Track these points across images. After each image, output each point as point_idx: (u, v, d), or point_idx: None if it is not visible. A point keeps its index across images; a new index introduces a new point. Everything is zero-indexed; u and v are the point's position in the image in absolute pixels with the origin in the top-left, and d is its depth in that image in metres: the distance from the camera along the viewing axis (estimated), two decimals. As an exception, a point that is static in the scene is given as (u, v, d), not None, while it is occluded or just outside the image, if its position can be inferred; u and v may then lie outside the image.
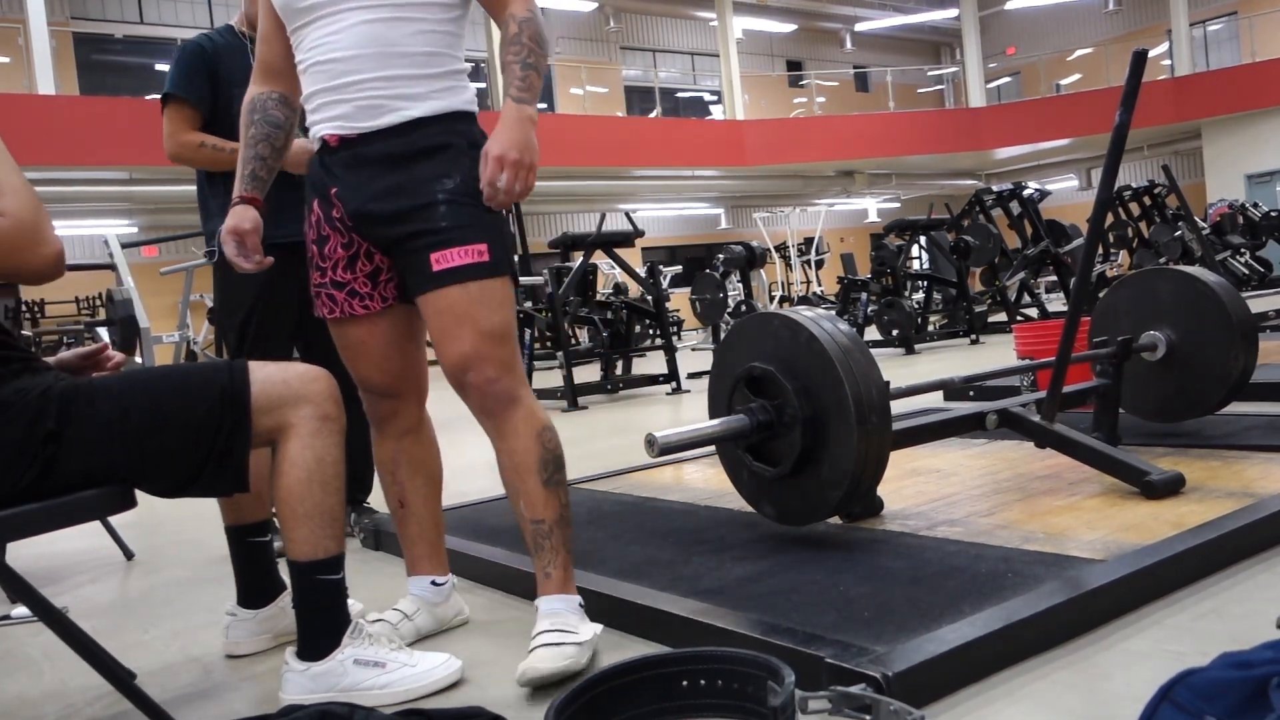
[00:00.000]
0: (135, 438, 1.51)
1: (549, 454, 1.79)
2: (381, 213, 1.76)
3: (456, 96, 1.80)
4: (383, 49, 1.73)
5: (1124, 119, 2.27)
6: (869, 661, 1.43)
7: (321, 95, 1.78)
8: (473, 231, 1.73)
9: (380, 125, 1.75)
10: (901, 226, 10.12)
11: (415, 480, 2.00)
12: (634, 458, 3.69)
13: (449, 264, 1.72)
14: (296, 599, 1.67)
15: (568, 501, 1.83)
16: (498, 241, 1.77)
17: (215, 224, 2.79)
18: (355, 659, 1.66)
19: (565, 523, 1.81)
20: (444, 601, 2.02)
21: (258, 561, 2.02)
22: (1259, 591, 1.78)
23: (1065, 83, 23.37)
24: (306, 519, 1.62)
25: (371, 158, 1.76)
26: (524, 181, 1.70)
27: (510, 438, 1.78)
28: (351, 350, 1.92)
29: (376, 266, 1.85)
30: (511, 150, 1.68)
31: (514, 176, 1.68)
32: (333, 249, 1.85)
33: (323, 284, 1.88)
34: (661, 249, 20.96)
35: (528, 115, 1.71)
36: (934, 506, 2.50)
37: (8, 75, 14.23)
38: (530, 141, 1.70)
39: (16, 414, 1.46)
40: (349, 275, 1.85)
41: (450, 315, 1.74)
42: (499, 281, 1.77)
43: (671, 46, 23.07)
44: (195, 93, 2.74)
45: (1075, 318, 2.49)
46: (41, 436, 1.46)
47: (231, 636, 2.00)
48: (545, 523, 1.78)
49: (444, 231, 1.73)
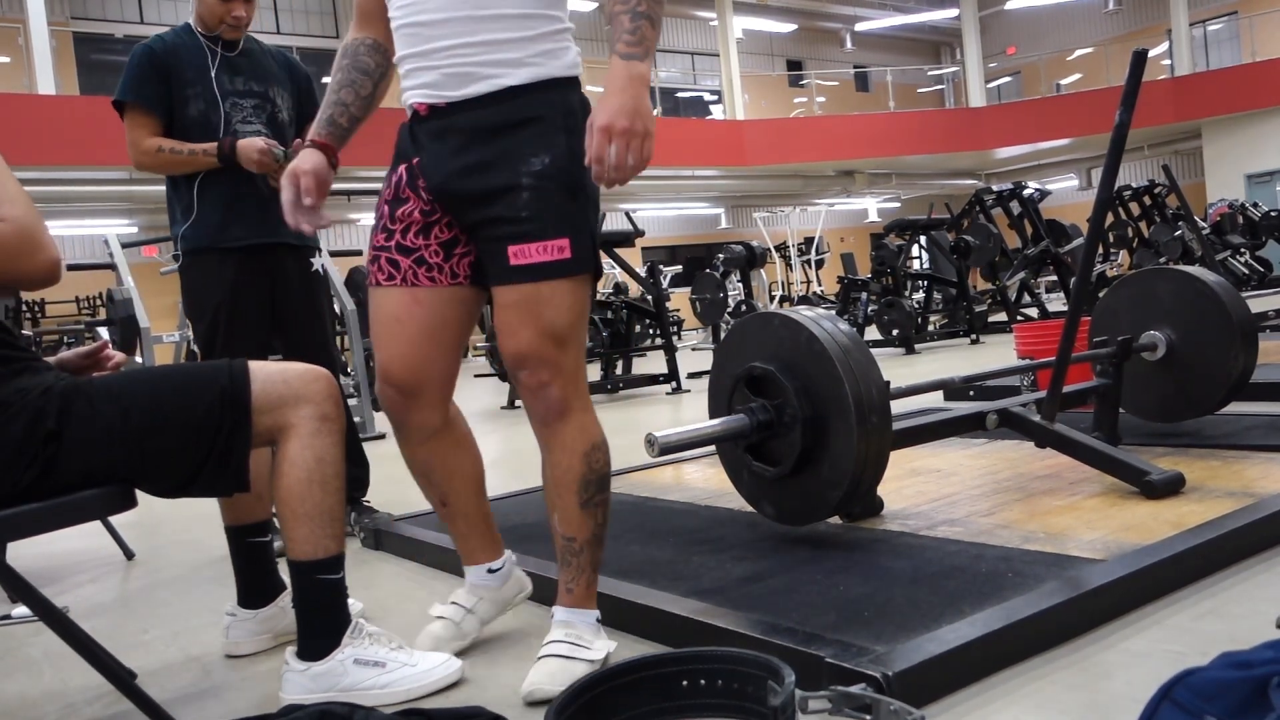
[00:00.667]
0: (136, 438, 1.51)
1: (593, 474, 1.68)
2: (464, 191, 1.64)
3: (555, 61, 1.63)
4: (473, 10, 1.58)
5: (1124, 119, 2.27)
6: (869, 661, 1.43)
7: (410, 60, 1.65)
8: (555, 224, 1.59)
9: (469, 95, 1.60)
10: (902, 226, 10.13)
11: (453, 482, 1.86)
12: (634, 457, 3.68)
13: (527, 260, 1.59)
14: (296, 599, 1.67)
15: (605, 521, 1.73)
16: (582, 235, 1.62)
17: (179, 228, 2.78)
18: (355, 659, 1.65)
19: (598, 543, 1.73)
20: (503, 585, 1.94)
21: (258, 561, 2.02)
22: (1259, 591, 1.78)
23: (1065, 82, 23.37)
24: (306, 519, 1.62)
25: (459, 129, 1.62)
26: (638, 153, 1.46)
27: (556, 450, 1.68)
28: (385, 327, 1.75)
29: (455, 237, 1.70)
30: (620, 118, 1.45)
31: (624, 148, 1.45)
32: (408, 212, 1.70)
33: (385, 247, 1.72)
34: (662, 249, 20.96)
35: (639, 74, 1.47)
36: (934, 506, 2.50)
37: (8, 75, 14.24)
38: (643, 106, 1.46)
39: (17, 413, 1.46)
40: (421, 240, 1.70)
41: (516, 310, 1.62)
42: (577, 280, 1.63)
43: (672, 46, 23.06)
44: (148, 97, 2.68)
45: (1075, 317, 2.49)
46: (42, 436, 1.46)
47: (232, 636, 2.00)
48: (576, 541, 1.70)
49: (524, 222, 1.59)
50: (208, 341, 2.76)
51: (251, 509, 1.97)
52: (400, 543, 2.73)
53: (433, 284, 1.72)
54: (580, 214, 1.63)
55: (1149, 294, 3.03)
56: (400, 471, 1.95)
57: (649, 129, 1.47)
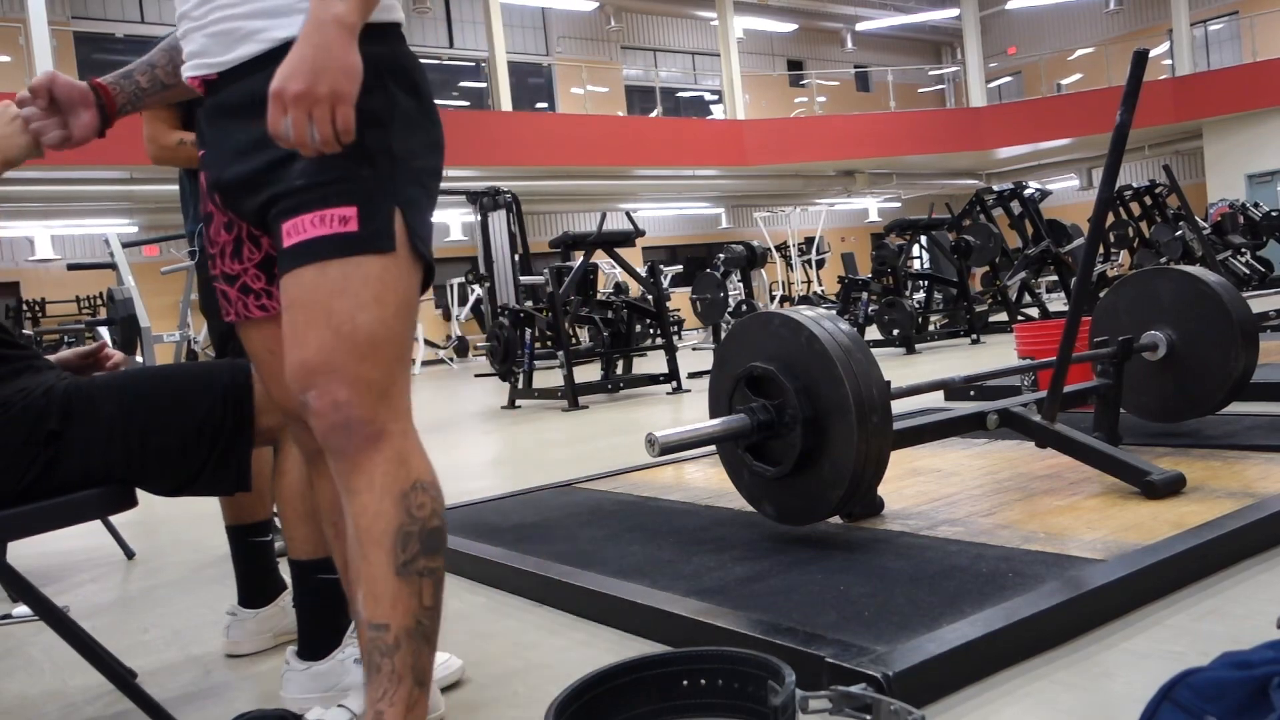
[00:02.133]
0: (137, 437, 1.50)
1: (414, 524, 1.20)
2: (238, 178, 1.29)
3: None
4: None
5: (1125, 119, 2.27)
6: (870, 661, 1.43)
7: (185, 21, 1.32)
8: (339, 190, 1.20)
9: (239, 59, 1.26)
10: (902, 226, 10.12)
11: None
12: (634, 457, 3.68)
13: (300, 236, 1.21)
14: (297, 598, 1.67)
15: (436, 605, 1.23)
16: (378, 206, 1.22)
17: (196, 224, 2.78)
18: (356, 658, 1.65)
19: (423, 637, 1.20)
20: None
21: (258, 561, 2.02)
22: (1259, 591, 1.78)
23: (1066, 82, 23.37)
24: (308, 518, 1.62)
25: (232, 105, 1.28)
26: (324, 124, 1.12)
27: (360, 492, 1.20)
28: (261, 364, 1.45)
29: (268, 254, 1.36)
30: (294, 80, 1.11)
31: (303, 120, 1.12)
32: (216, 230, 1.40)
33: (215, 278, 1.43)
34: (662, 248, 20.96)
35: (334, 16, 1.12)
36: (935, 506, 2.50)
37: (8, 74, 14.23)
38: (331, 59, 1.11)
39: (19, 413, 1.46)
40: (238, 266, 1.40)
41: (300, 309, 1.21)
42: (376, 262, 1.21)
43: (672, 46, 23.07)
44: None
45: (1076, 317, 2.49)
46: (43, 436, 1.46)
47: (232, 636, 2.00)
48: (390, 630, 1.18)
49: (299, 193, 1.21)
50: (222, 337, 2.77)
51: (253, 508, 1.97)
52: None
53: (265, 314, 1.40)
54: (377, 181, 1.23)
55: (1150, 294, 3.03)
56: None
57: (339, 89, 1.11)
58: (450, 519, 2.82)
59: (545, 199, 17.91)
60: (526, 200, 12.60)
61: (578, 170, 17.31)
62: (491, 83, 17.46)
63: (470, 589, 2.31)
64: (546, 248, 8.39)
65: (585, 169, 17.38)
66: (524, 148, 16.17)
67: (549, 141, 16.61)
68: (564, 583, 2.09)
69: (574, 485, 3.31)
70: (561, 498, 3.11)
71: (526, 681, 1.70)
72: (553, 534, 2.59)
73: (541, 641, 1.90)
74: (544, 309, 7.34)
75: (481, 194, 10.72)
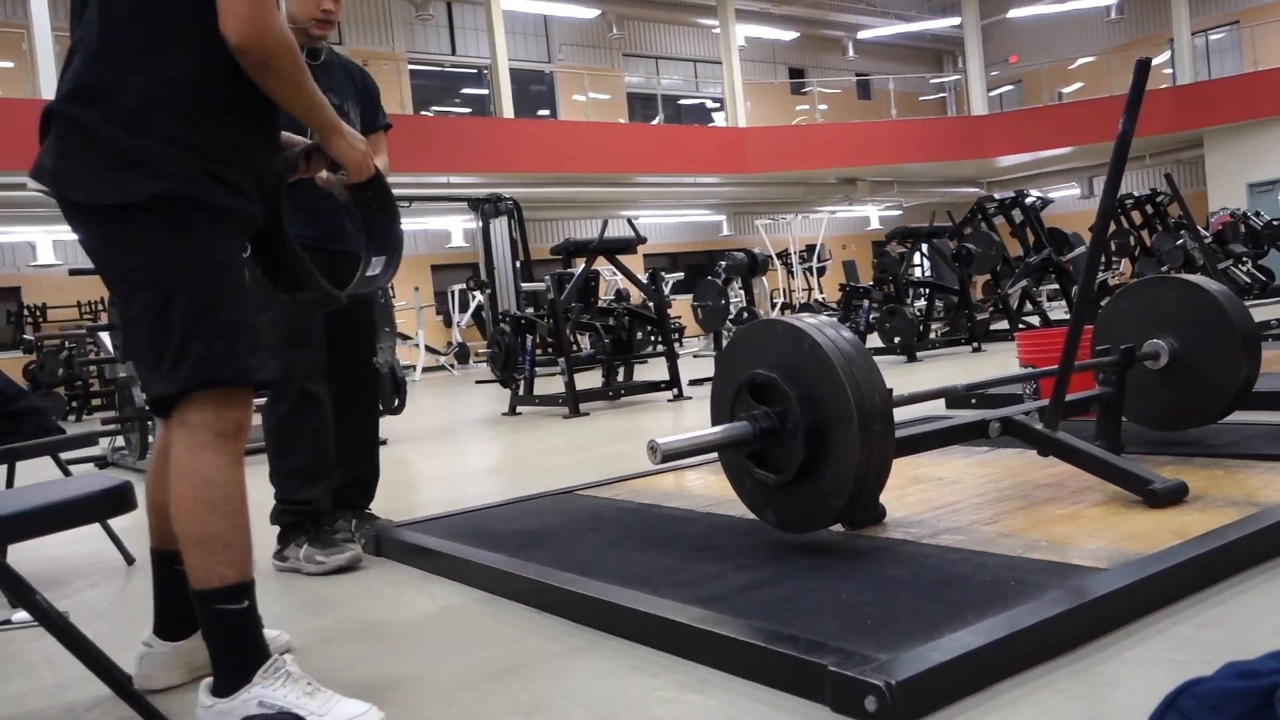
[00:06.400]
0: None
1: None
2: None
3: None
4: None
5: (1127, 127, 2.27)
6: (872, 670, 1.43)
7: None
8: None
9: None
10: (903, 234, 10.13)
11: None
12: (635, 464, 3.68)
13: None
14: (201, 630, 1.58)
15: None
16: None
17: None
18: (261, 700, 1.53)
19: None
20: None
21: (179, 591, 1.77)
22: (1263, 601, 1.78)
23: (1067, 91, 23.37)
24: (196, 544, 1.53)
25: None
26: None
27: None
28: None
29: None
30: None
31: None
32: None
33: None
34: (663, 255, 20.96)
35: None
36: (937, 514, 2.50)
37: (11, 80, 14.27)
38: None
39: None
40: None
41: None
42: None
43: (674, 53, 23.11)
44: None
45: (1078, 326, 2.49)
46: None
47: (144, 669, 1.85)
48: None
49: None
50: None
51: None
52: (401, 548, 2.72)
53: None
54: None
55: (1151, 303, 3.02)
56: (399, 476, 1.94)
57: None
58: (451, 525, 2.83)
59: (547, 206, 17.93)
60: (528, 207, 12.61)
61: (579, 177, 17.32)
62: (493, 90, 17.48)
63: (471, 595, 2.31)
64: (548, 254, 8.40)
65: (587, 176, 17.39)
66: (526, 154, 16.19)
67: (551, 148, 16.63)
68: (565, 590, 2.08)
69: (575, 492, 3.31)
70: (562, 505, 3.10)
71: (528, 689, 1.70)
72: (553, 541, 2.59)
73: (541, 648, 1.90)
74: (545, 315, 7.34)
75: (483, 200, 10.74)
